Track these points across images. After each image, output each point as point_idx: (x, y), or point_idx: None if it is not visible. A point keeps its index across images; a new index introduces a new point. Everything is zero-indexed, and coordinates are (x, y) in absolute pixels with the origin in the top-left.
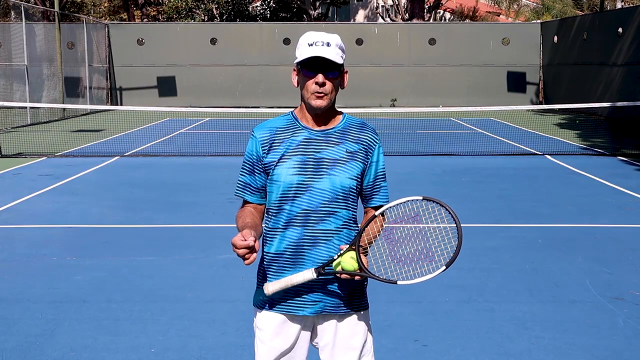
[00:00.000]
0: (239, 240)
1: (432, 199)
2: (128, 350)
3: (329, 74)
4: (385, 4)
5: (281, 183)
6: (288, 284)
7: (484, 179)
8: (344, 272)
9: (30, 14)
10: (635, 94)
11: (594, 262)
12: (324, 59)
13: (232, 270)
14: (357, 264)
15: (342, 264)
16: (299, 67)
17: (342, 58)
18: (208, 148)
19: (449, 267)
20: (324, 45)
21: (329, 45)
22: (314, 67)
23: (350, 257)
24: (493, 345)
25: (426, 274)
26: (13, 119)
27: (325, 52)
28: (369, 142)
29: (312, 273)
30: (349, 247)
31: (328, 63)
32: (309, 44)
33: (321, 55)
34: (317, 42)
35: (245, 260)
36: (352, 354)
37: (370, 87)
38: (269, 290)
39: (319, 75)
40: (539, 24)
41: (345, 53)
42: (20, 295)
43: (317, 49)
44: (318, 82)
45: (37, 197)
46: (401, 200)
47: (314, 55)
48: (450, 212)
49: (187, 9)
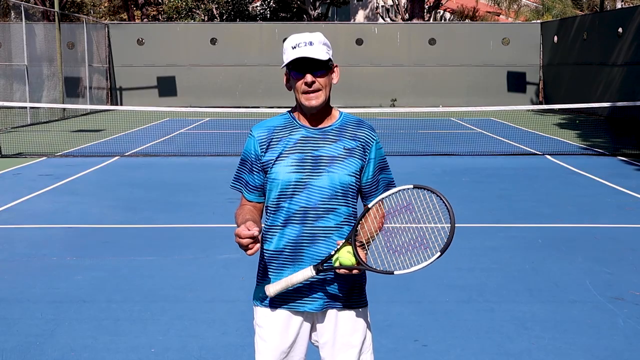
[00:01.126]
0: (243, 230)
1: (423, 186)
2: (128, 350)
3: (316, 73)
4: (385, 4)
5: (279, 181)
6: (289, 284)
7: (484, 179)
8: (342, 267)
9: (30, 14)
10: (635, 94)
11: (594, 262)
12: (310, 58)
13: (232, 270)
14: (355, 258)
15: (340, 259)
16: (288, 71)
17: (327, 54)
18: (208, 148)
19: (443, 253)
20: (307, 45)
21: (312, 44)
22: (301, 68)
23: (347, 251)
24: (493, 345)
25: (421, 262)
26: (13, 119)
27: (309, 52)
28: (366, 139)
29: (311, 271)
30: (345, 242)
31: (314, 62)
32: (292, 46)
33: (305, 55)
34: (299, 43)
35: (248, 250)
36: (352, 351)
37: (370, 87)
38: (270, 292)
39: (307, 75)
40: (539, 24)
41: (332, 48)
42: (20, 295)
43: (300, 50)
44: (307, 82)
45: (37, 197)
46: (392, 190)
47: (298, 56)
48: (441, 197)
49: (187, 9)
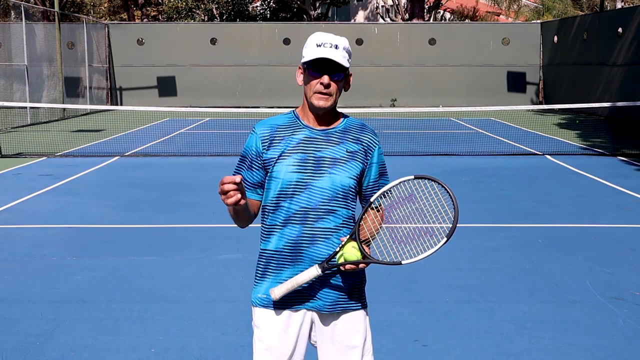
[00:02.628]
0: (227, 176)
1: (424, 176)
2: (128, 350)
3: (334, 76)
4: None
5: (280, 180)
6: (294, 285)
7: (484, 179)
8: (347, 262)
9: (30, 14)
10: (635, 94)
11: (594, 262)
12: (331, 60)
13: (232, 270)
14: (360, 253)
15: (345, 255)
16: (305, 67)
17: (348, 62)
18: (208, 148)
19: (449, 238)
20: (332, 47)
21: (337, 48)
22: (320, 68)
23: (352, 247)
24: (493, 345)
25: (429, 249)
26: (13, 119)
27: (333, 55)
28: (369, 143)
29: (316, 269)
30: (349, 238)
31: (334, 65)
32: (317, 44)
33: (328, 57)
34: (325, 43)
35: (229, 199)
36: (354, 352)
37: (370, 87)
38: (275, 294)
39: (324, 76)
40: (539, 24)
41: (352, 57)
42: (20, 295)
43: (325, 50)
44: (323, 83)
45: (37, 197)
46: (394, 182)
47: (322, 56)
48: (443, 186)
49: (187, 9)
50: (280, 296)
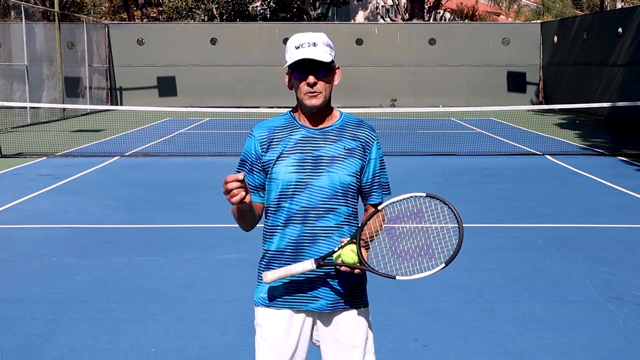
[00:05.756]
0: (230, 175)
1: (436, 196)
2: (128, 350)
3: (319, 74)
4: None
5: (280, 181)
6: (287, 273)
7: (484, 179)
8: (343, 264)
9: (30, 14)
10: (635, 94)
11: (594, 262)
12: (312, 59)
13: (232, 270)
14: (357, 257)
15: (342, 257)
16: (290, 70)
17: (330, 55)
18: (208, 148)
19: (448, 265)
20: (310, 46)
21: (316, 45)
22: (304, 68)
23: (350, 249)
24: (493, 345)
25: (425, 271)
26: (13, 119)
27: (313, 53)
28: (367, 139)
29: (311, 264)
30: (350, 240)
31: (317, 63)
32: (295, 46)
33: (309, 57)
34: (303, 44)
35: (234, 197)
36: (356, 351)
37: (370, 87)
38: (268, 278)
39: (309, 76)
40: (539, 24)
41: (335, 49)
42: (20, 295)
43: (304, 50)
44: (309, 83)
45: (37, 197)
46: (405, 195)
47: (302, 57)
48: (453, 210)
49: (187, 9)
50: (272, 280)
